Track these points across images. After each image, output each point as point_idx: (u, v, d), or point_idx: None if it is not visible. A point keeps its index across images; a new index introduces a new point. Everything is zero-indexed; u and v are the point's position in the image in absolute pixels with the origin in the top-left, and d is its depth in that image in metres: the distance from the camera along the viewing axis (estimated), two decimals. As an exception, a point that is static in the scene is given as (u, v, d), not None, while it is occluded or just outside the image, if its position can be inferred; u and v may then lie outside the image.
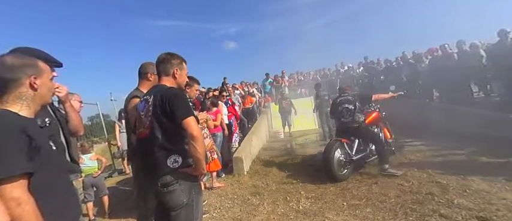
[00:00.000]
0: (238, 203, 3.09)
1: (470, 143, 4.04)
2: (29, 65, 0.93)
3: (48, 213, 0.88)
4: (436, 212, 2.25)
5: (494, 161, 3.32)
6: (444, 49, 6.40)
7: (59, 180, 0.98)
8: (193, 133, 1.29)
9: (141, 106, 1.47)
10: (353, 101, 3.62)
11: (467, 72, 5.77)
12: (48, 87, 1.00)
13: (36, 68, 0.95)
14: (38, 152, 0.85)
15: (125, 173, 5.52)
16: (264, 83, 10.93)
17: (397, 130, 4.54)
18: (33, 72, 0.93)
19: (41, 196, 0.87)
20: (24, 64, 0.92)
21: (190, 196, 1.36)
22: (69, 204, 1.02)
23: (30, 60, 0.96)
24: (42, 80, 0.95)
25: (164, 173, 1.32)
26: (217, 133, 4.19)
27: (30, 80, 0.91)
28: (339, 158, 3.34)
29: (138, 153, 1.50)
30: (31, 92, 0.92)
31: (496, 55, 5.21)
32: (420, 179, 3.04)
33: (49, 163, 0.92)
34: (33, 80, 0.92)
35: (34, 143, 0.84)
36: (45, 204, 0.88)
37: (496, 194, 2.46)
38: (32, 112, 0.94)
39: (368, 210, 2.48)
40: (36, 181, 0.86)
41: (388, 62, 8.81)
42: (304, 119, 8.78)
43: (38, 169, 0.85)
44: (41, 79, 0.95)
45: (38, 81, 0.94)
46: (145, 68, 1.96)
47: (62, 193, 0.98)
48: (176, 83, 1.52)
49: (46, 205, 0.88)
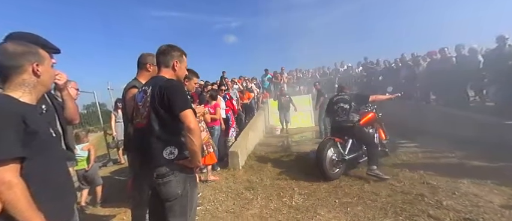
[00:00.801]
0: (232, 196, 3.13)
1: (463, 147, 4.10)
2: (31, 52, 0.95)
3: (46, 198, 0.90)
4: (425, 213, 2.30)
5: (484, 165, 3.39)
6: (443, 52, 6.42)
7: (56, 166, 1.00)
8: (190, 126, 1.30)
9: (139, 97, 1.48)
10: (349, 101, 3.62)
11: (464, 77, 5.82)
12: (50, 74, 1.02)
13: (38, 55, 0.96)
14: (33, 138, 0.86)
15: (120, 163, 5.52)
16: (263, 78, 10.92)
17: (392, 131, 4.59)
18: (36, 59, 0.95)
19: (39, 180, 0.89)
20: (27, 51, 0.94)
21: (185, 187, 1.38)
22: (66, 190, 1.04)
23: (32, 47, 0.97)
24: (44, 67, 0.97)
25: (160, 164, 1.33)
26: (214, 127, 4.20)
27: (33, 67, 0.93)
28: (332, 157, 3.36)
29: (135, 143, 1.51)
30: (34, 78, 0.94)
31: (493, 61, 5.25)
32: (411, 180, 3.10)
33: (48, 149, 0.94)
34: (36, 67, 0.94)
35: (30, 129, 0.85)
36: (43, 189, 0.90)
37: (484, 197, 2.52)
38: (33, 99, 0.96)
39: (359, 208, 2.53)
40: (35, 166, 0.87)
41: (386, 63, 8.85)
42: (301, 117, 8.82)
43: (36, 155, 0.87)
44: (43, 66, 0.96)
45: (41, 68, 0.95)
46: (144, 58, 1.95)
47: (60, 179, 1.00)
48: (175, 75, 1.52)
49: (44, 189, 0.90)
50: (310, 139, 6.82)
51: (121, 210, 2.94)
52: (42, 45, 1.07)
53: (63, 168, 1.06)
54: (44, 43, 1.23)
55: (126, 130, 1.95)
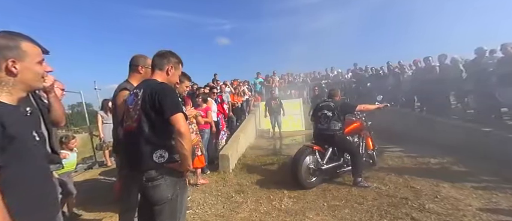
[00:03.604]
0: (222, 200, 3.12)
1: (444, 152, 4.29)
2: (9, 47, 0.85)
3: (24, 210, 0.82)
4: (409, 216, 2.39)
5: (464, 170, 3.57)
6: (427, 62, 6.72)
7: (38, 174, 0.91)
8: (181, 130, 1.30)
9: (130, 99, 1.47)
10: (333, 108, 3.47)
11: (447, 85, 6.11)
12: (34, 72, 0.91)
13: (16, 51, 0.86)
14: (10, 142, 0.78)
15: (106, 165, 5.38)
16: (255, 81, 10.98)
17: (379, 136, 4.73)
18: (13, 55, 0.85)
19: (16, 190, 0.81)
20: (4, 46, 0.84)
21: (174, 191, 1.38)
22: (48, 201, 0.96)
23: (12, 41, 0.87)
24: (24, 64, 0.87)
25: (149, 167, 1.33)
26: (205, 130, 4.18)
27: (8, 64, 0.84)
28: (308, 165, 3.24)
29: (124, 146, 1.49)
30: (10, 77, 0.85)
31: (473, 71, 5.55)
32: (396, 184, 3.21)
33: (28, 155, 0.86)
34: (11, 64, 0.84)
35: (7, 132, 0.77)
36: (22, 200, 0.82)
37: (464, 200, 2.65)
38: (14, 99, 0.87)
39: (346, 211, 2.59)
40: (12, 174, 0.79)
41: (374, 70, 9.14)
42: (292, 121, 8.89)
43: (13, 161, 0.79)
44: (22, 63, 0.87)
45: (19, 66, 0.86)
46: (136, 60, 1.94)
47: (41, 189, 0.91)
48: (168, 79, 1.53)
49: (22, 200, 0.82)
50: (300, 142, 6.88)
51: (107, 214, 2.86)
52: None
53: (46, 176, 0.98)
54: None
55: (116, 132, 1.92)
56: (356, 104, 3.65)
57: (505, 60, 4.88)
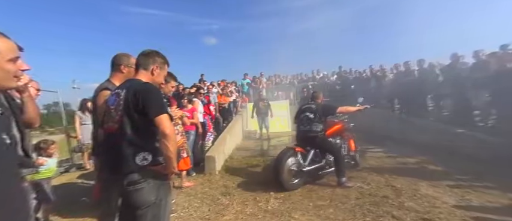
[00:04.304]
0: (208, 202, 3.08)
1: (422, 152, 4.51)
2: None
3: None
4: (389, 214, 2.48)
5: (439, 169, 3.77)
6: (407, 66, 7.06)
7: (5, 181, 0.82)
8: (166, 131, 1.27)
9: (112, 100, 1.41)
10: (315, 110, 3.50)
11: (424, 88, 6.44)
12: (4, 70, 0.85)
13: None
14: None
15: (85, 168, 5.13)
16: (242, 82, 10.97)
17: (361, 137, 4.88)
18: None
19: None
20: None
21: (158, 195, 1.34)
22: (18, 211, 0.87)
23: None
24: None
25: (131, 170, 1.28)
26: (190, 131, 4.11)
27: None
28: (290, 167, 3.23)
29: (105, 148, 1.43)
30: None
31: (448, 75, 5.90)
32: (378, 183, 3.33)
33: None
34: None
35: None
36: None
37: (440, 198, 2.79)
38: None
39: (331, 211, 2.65)
40: None
41: (358, 73, 9.46)
42: (279, 122, 8.97)
43: None
44: None
45: None
46: (119, 59, 1.87)
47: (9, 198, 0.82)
48: (152, 80, 1.48)
49: None
50: (287, 143, 6.95)
51: (85, 220, 2.72)
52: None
53: (15, 182, 0.90)
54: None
55: (95, 134, 1.84)
56: (337, 106, 3.65)
57: (477, 66, 5.24)
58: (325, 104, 3.86)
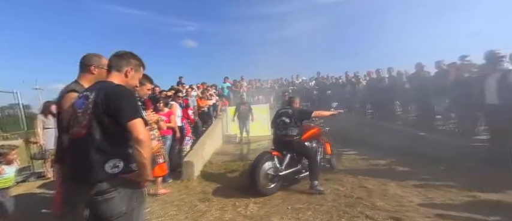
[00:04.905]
0: (185, 210, 2.98)
1: (391, 154, 4.81)
2: None
3: None
4: (363, 214, 2.60)
5: (406, 170, 4.06)
6: (378, 73, 7.55)
7: None
8: (139, 137, 1.21)
9: (79, 103, 1.31)
10: (291, 115, 3.54)
11: (393, 94, 6.92)
12: None
13: None
14: None
15: (46, 177, 4.70)
16: (222, 86, 10.87)
17: (336, 140, 5.08)
18: None
19: None
20: None
21: (130, 204, 1.27)
22: None
23: None
24: None
25: (100, 179, 1.20)
26: (167, 136, 3.96)
27: None
28: (267, 171, 3.25)
29: (70, 155, 1.33)
30: None
31: (413, 83, 6.41)
32: (352, 184, 3.48)
33: None
34: None
35: None
36: None
37: (407, 197, 2.99)
38: None
39: (309, 213, 2.71)
40: None
41: (334, 79, 9.89)
42: (259, 125, 9.01)
43: None
44: None
45: None
46: (89, 59, 1.75)
47: None
48: (126, 82, 1.40)
49: None
50: (267, 147, 7.00)
51: (46, 234, 2.48)
52: None
53: None
54: None
55: (60, 139, 1.69)
56: (312, 111, 3.74)
57: (438, 75, 5.76)
58: (301, 109, 3.92)
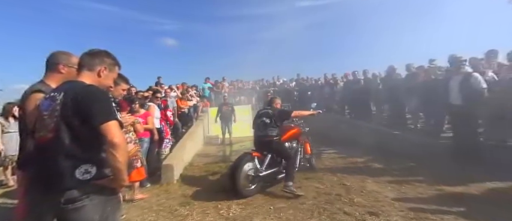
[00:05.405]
0: (164, 214, 2.87)
1: (367, 152, 5.05)
2: None
3: None
4: (342, 210, 2.70)
5: (381, 167, 4.28)
6: (354, 75, 7.91)
7: None
8: (114, 140, 1.13)
9: (46, 104, 1.20)
10: (271, 115, 3.54)
11: (368, 95, 7.29)
12: None
13: None
14: None
15: (7, 185, 4.28)
16: (203, 86, 10.68)
17: (316, 140, 5.23)
18: None
19: None
20: None
21: (104, 212, 1.18)
22: None
23: None
24: None
25: (70, 186, 1.10)
26: (144, 138, 3.78)
27: None
28: (247, 172, 3.22)
29: (35, 161, 1.21)
30: None
31: (386, 85, 6.81)
32: (332, 182, 3.60)
33: None
34: None
35: None
36: None
37: (382, 193, 3.16)
38: None
39: (290, 212, 2.75)
40: None
41: (314, 80, 10.18)
42: (241, 126, 8.97)
43: None
44: None
45: None
46: (56, 57, 1.61)
47: None
48: (98, 82, 1.31)
49: None
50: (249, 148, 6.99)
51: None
52: None
53: None
54: None
55: (23, 144, 1.54)
56: (292, 111, 3.79)
57: (408, 77, 6.17)
58: (281, 109, 3.95)
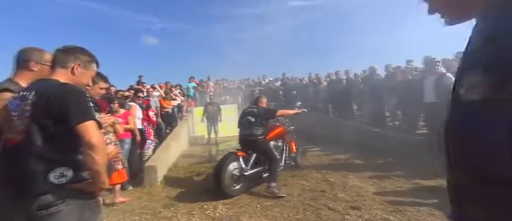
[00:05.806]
0: (147, 217, 2.78)
1: (350, 149, 5.23)
2: None
3: None
4: (326, 206, 2.78)
5: (363, 163, 4.46)
6: (337, 75, 8.15)
7: None
8: (92, 141, 1.07)
9: (14, 104, 1.12)
10: (256, 114, 3.51)
11: (350, 94, 7.54)
12: None
13: None
14: None
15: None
16: (188, 86, 10.47)
17: (301, 138, 5.33)
18: None
19: None
20: None
21: (81, 217, 1.12)
22: None
23: None
24: None
25: (43, 191, 1.03)
26: (125, 139, 3.63)
27: None
28: (232, 172, 3.20)
29: (5, 165, 1.12)
30: None
31: (367, 84, 7.08)
32: (316, 179, 3.68)
33: None
34: None
35: None
36: None
37: (364, 188, 3.29)
38: None
39: (277, 210, 2.78)
40: None
41: (298, 80, 10.36)
42: (227, 126, 8.91)
43: None
44: None
45: None
46: (27, 54, 1.50)
47: None
48: (73, 80, 1.22)
49: None
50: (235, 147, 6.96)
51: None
52: None
53: None
54: None
55: None
56: (277, 110, 3.81)
57: (387, 77, 6.46)
58: (266, 108, 3.96)
